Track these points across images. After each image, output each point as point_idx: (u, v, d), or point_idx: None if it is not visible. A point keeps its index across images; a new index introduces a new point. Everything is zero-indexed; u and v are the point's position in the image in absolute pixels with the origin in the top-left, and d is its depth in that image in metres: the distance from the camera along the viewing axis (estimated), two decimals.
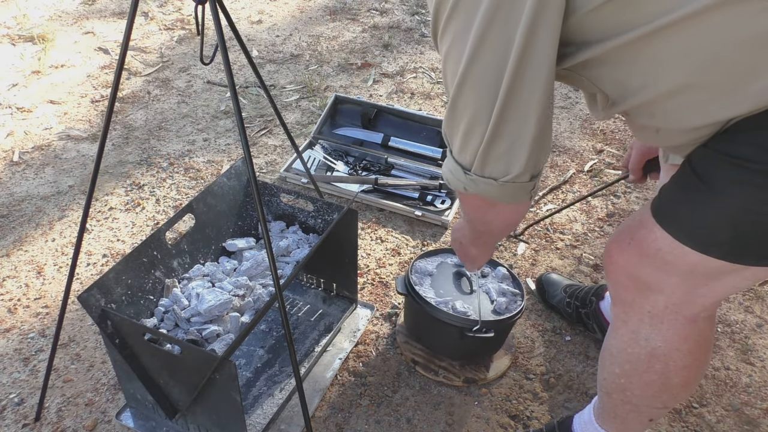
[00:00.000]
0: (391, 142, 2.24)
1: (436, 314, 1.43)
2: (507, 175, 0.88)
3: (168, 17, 3.28)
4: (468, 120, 0.85)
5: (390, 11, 3.38)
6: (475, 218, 1.10)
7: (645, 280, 0.95)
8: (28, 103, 2.56)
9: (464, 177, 0.91)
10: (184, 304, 1.39)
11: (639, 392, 1.06)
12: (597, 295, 1.57)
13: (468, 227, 1.21)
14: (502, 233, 1.18)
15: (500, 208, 0.98)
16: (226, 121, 2.49)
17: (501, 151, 0.85)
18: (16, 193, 2.11)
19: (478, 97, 0.82)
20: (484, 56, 0.78)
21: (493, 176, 0.88)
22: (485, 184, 0.90)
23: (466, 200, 1.03)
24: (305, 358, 1.52)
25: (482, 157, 0.87)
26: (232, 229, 1.60)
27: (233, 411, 1.20)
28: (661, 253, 0.89)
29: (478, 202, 0.99)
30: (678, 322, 0.96)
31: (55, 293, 1.74)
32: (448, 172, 0.95)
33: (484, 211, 1.02)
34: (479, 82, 0.81)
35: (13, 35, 3.05)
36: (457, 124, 0.87)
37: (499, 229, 1.11)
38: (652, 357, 1.00)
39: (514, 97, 0.80)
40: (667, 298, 0.94)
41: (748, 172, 0.76)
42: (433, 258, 1.61)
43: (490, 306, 1.49)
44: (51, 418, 1.42)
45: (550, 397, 1.49)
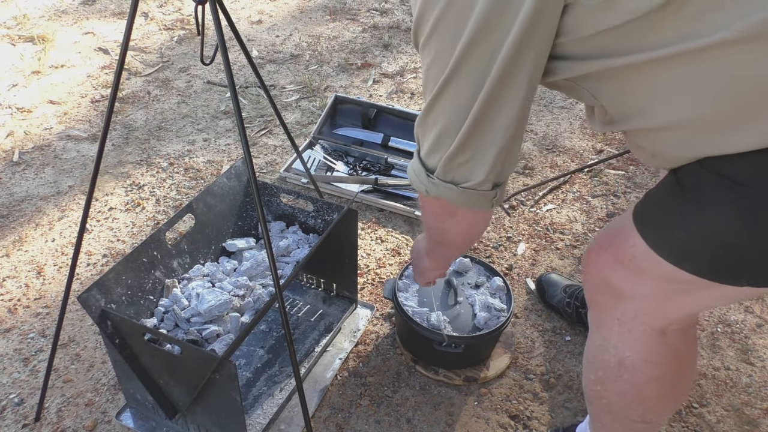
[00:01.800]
0: (391, 142, 2.24)
1: (411, 324, 1.45)
2: (468, 182, 0.89)
3: (168, 17, 3.28)
4: (439, 129, 0.86)
5: (390, 11, 3.38)
6: (433, 226, 1.08)
7: (617, 286, 0.94)
8: (28, 103, 2.56)
9: (426, 179, 0.92)
10: (184, 304, 1.39)
11: (615, 400, 1.05)
12: None
13: (426, 235, 1.20)
14: (457, 247, 1.16)
15: (459, 217, 0.98)
16: (226, 121, 2.49)
17: (464, 159, 0.87)
18: (16, 193, 2.11)
19: (451, 112, 0.83)
20: (464, 74, 0.79)
21: (455, 182, 0.90)
22: (446, 189, 0.90)
23: (426, 205, 1.03)
24: (305, 358, 1.52)
25: (446, 162, 0.88)
26: (232, 229, 1.60)
27: (233, 411, 1.20)
28: (636, 260, 0.88)
29: (437, 209, 0.99)
30: (646, 333, 0.95)
31: (55, 293, 1.74)
32: (413, 172, 0.96)
33: (442, 218, 1.01)
34: (455, 97, 0.82)
35: (13, 35, 3.05)
36: (429, 129, 0.88)
37: (455, 241, 1.10)
38: (621, 366, 0.99)
39: (484, 119, 0.82)
40: (636, 307, 0.93)
41: (734, 192, 0.75)
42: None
43: (470, 318, 1.49)
44: (51, 419, 1.42)
45: (550, 397, 1.49)
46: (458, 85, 0.80)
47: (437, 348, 1.43)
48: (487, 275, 1.60)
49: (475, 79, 0.78)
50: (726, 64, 0.69)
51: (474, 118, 0.81)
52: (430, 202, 0.98)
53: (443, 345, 1.42)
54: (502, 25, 0.73)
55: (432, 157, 0.90)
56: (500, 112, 0.81)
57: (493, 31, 0.74)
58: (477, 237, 1.10)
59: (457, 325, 1.47)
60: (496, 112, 0.81)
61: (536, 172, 2.22)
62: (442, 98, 0.83)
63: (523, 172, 2.22)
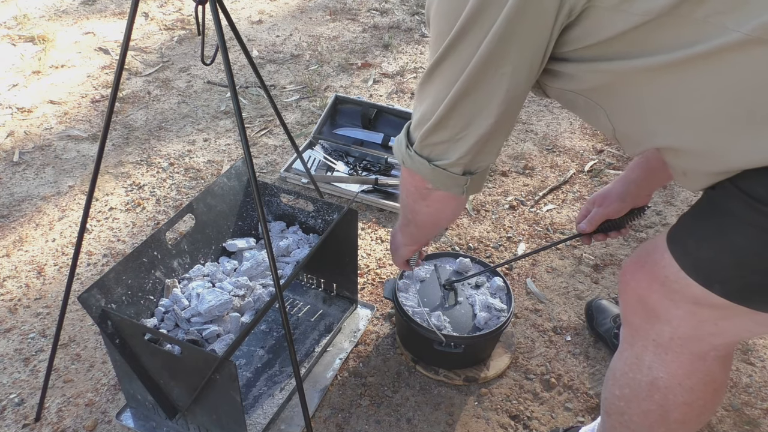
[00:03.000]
0: (392, 142, 2.24)
1: (411, 324, 1.45)
2: (440, 160, 0.92)
3: (168, 17, 3.28)
4: (426, 105, 0.89)
5: (390, 11, 3.38)
6: (406, 204, 1.10)
7: (653, 307, 0.91)
8: (28, 103, 2.56)
9: (405, 150, 0.95)
10: (185, 305, 1.39)
11: (637, 419, 1.02)
12: None
13: (400, 211, 1.20)
14: (426, 229, 1.18)
15: (429, 201, 1.01)
16: (226, 121, 2.49)
17: (440, 139, 0.90)
18: (16, 193, 2.11)
19: (438, 91, 0.86)
20: (453, 58, 0.82)
21: (429, 158, 0.93)
22: (420, 163, 0.93)
23: (403, 180, 1.05)
24: (305, 358, 1.52)
25: (423, 137, 0.91)
26: (232, 229, 1.60)
27: (233, 411, 1.20)
28: (669, 281, 0.86)
29: (411, 187, 1.02)
30: (683, 356, 0.92)
31: (55, 293, 1.74)
32: (397, 141, 0.99)
33: (414, 198, 1.04)
34: (443, 78, 0.85)
35: (13, 35, 3.05)
36: (419, 103, 0.91)
37: (424, 222, 1.12)
38: (653, 386, 0.97)
39: (462, 103, 0.84)
40: (673, 330, 0.91)
41: (758, 213, 0.72)
42: (428, 262, 1.61)
43: (470, 318, 1.48)
44: (51, 419, 1.42)
45: (550, 397, 1.49)
46: (447, 67, 0.83)
47: (437, 348, 1.43)
48: (487, 275, 1.59)
49: (462, 64, 0.81)
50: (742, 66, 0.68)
51: (452, 99, 0.84)
52: (406, 177, 1.01)
53: (443, 345, 1.42)
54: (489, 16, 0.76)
55: (416, 129, 0.93)
56: (479, 99, 0.83)
57: (481, 21, 0.77)
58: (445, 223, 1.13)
59: (458, 325, 1.47)
60: (476, 99, 0.83)
61: (536, 172, 2.22)
62: (433, 77, 0.86)
63: (524, 172, 2.22)
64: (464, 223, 1.99)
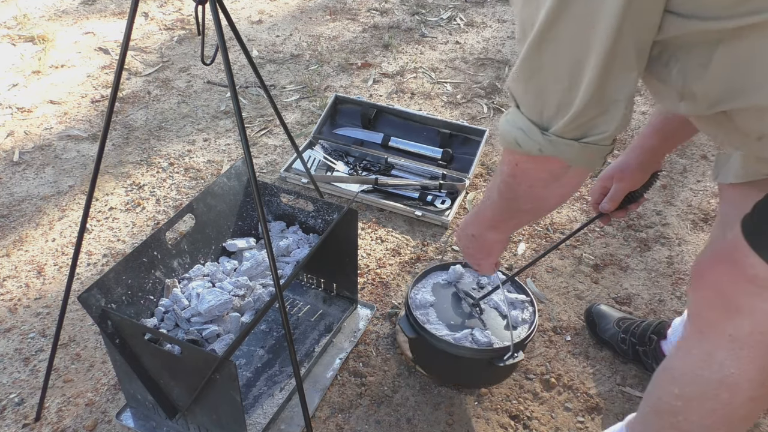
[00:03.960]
0: (391, 142, 2.24)
1: (460, 352, 1.33)
2: (593, 135, 0.79)
3: (168, 17, 3.28)
4: (552, 78, 0.76)
5: (390, 11, 3.38)
6: (527, 193, 0.96)
7: (736, 302, 0.88)
8: (28, 103, 2.56)
9: (541, 137, 0.82)
10: (185, 304, 1.39)
11: (695, 419, 0.98)
12: (658, 333, 1.47)
13: (499, 206, 1.04)
14: (542, 213, 1.10)
15: (564, 180, 0.89)
16: (226, 121, 2.49)
17: (595, 113, 0.77)
18: (16, 193, 2.11)
19: (566, 55, 0.73)
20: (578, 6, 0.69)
21: (577, 137, 0.80)
22: (565, 146, 0.81)
23: (524, 169, 0.90)
24: (305, 358, 1.53)
25: (574, 117, 0.77)
26: (232, 229, 1.60)
27: (233, 411, 1.20)
28: (758, 278, 0.83)
29: (543, 173, 0.89)
30: (759, 350, 0.89)
31: (55, 293, 1.74)
32: (518, 130, 0.84)
33: (545, 183, 0.91)
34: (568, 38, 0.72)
35: (13, 35, 3.05)
36: (534, 80, 0.78)
37: (550, 205, 1.01)
38: (722, 384, 0.93)
39: (613, 60, 0.71)
40: (753, 324, 0.87)
41: None
42: (424, 283, 1.51)
43: (502, 322, 1.40)
44: (51, 418, 1.42)
45: (550, 397, 1.49)
46: (569, 22, 0.70)
47: (498, 365, 1.30)
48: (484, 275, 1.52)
49: (590, 18, 0.69)
50: None
51: (600, 68, 0.71)
52: (532, 167, 0.88)
53: (506, 359, 1.29)
54: None
55: (545, 109, 0.80)
56: (630, 44, 0.71)
57: None
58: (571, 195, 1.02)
59: (500, 332, 1.35)
60: (627, 46, 0.71)
61: None
62: (549, 42, 0.73)
63: None
64: None
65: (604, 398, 1.48)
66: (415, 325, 1.38)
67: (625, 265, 1.84)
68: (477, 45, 3.03)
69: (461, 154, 2.19)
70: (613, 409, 1.45)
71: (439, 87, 2.71)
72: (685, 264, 1.84)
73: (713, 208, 2.04)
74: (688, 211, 2.04)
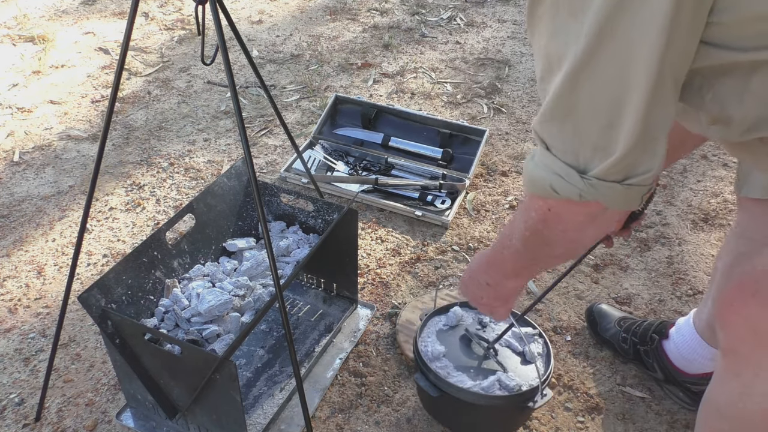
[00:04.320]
0: (392, 142, 2.24)
1: (494, 402, 1.23)
2: (640, 176, 0.74)
3: (168, 17, 3.28)
4: (589, 116, 0.72)
5: (390, 11, 3.38)
6: (559, 238, 0.88)
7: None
8: (28, 103, 2.56)
9: (581, 182, 0.75)
10: (185, 304, 1.39)
11: None
12: (659, 333, 1.46)
13: (525, 255, 0.97)
14: (580, 252, 1.05)
15: (600, 221, 0.83)
16: (226, 121, 2.49)
17: (638, 152, 0.72)
18: (16, 193, 2.11)
19: (604, 92, 0.69)
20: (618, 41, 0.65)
21: (620, 179, 0.74)
22: (608, 189, 0.75)
23: (557, 213, 0.83)
24: (305, 358, 1.53)
25: (619, 159, 0.72)
26: (233, 229, 1.60)
27: (233, 411, 1.20)
28: None
29: (580, 217, 0.82)
30: None
31: (55, 293, 1.74)
32: (554, 176, 0.78)
33: (581, 227, 0.84)
34: (607, 70, 0.67)
35: (13, 35, 3.05)
36: (572, 117, 0.73)
37: (584, 247, 0.95)
38: (765, 414, 0.91)
39: (657, 94, 0.67)
40: None
41: None
42: (429, 331, 1.38)
43: (518, 359, 1.30)
44: (51, 418, 1.42)
45: (550, 397, 1.48)
46: (606, 62, 0.66)
47: (532, 407, 1.21)
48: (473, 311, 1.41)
49: (632, 45, 0.65)
50: None
51: (642, 106, 0.67)
52: (569, 209, 0.81)
53: (536, 399, 1.21)
54: None
55: (583, 152, 0.75)
56: (669, 78, 0.67)
57: None
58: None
59: (521, 372, 1.26)
60: (667, 81, 0.67)
61: None
62: (585, 79, 0.68)
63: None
64: (464, 223, 1.99)
65: (604, 398, 1.48)
66: (437, 381, 1.24)
67: (625, 265, 1.84)
68: (477, 45, 3.03)
69: (461, 154, 2.19)
70: (613, 409, 1.46)
71: (439, 87, 2.71)
72: (685, 264, 1.84)
73: (713, 208, 2.04)
74: (688, 211, 2.04)
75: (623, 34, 0.64)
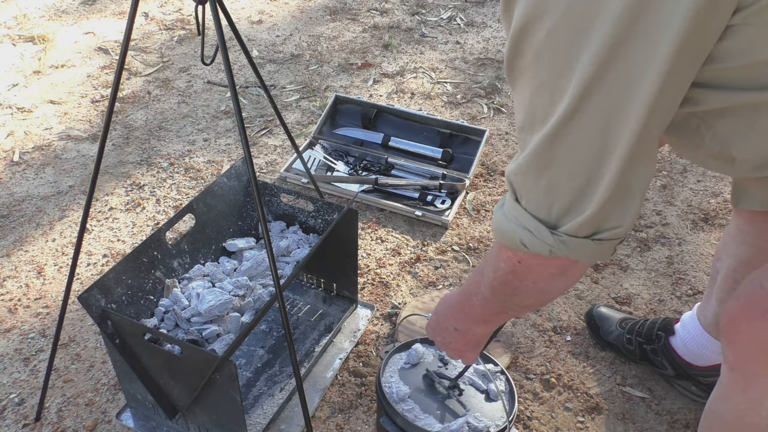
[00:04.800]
0: (392, 142, 2.24)
1: None
2: (608, 230, 0.73)
3: (168, 17, 3.28)
4: (566, 176, 0.70)
5: (390, 11, 3.38)
6: (529, 288, 0.87)
7: None
8: (28, 103, 2.56)
9: (551, 238, 0.74)
10: (185, 304, 1.39)
11: None
12: (665, 330, 1.45)
13: (493, 303, 0.95)
14: (549, 301, 1.03)
15: (570, 273, 0.82)
16: (226, 121, 2.49)
17: (610, 209, 0.71)
18: (16, 193, 2.11)
19: (584, 150, 0.68)
20: (599, 102, 0.64)
21: (590, 234, 0.73)
22: (579, 245, 0.74)
23: (528, 266, 0.82)
24: (305, 358, 1.53)
25: (591, 217, 0.71)
26: (232, 229, 1.60)
27: (233, 411, 1.20)
28: None
29: (551, 269, 0.81)
30: None
31: (55, 293, 1.74)
32: (524, 230, 0.77)
33: (549, 279, 0.83)
34: (587, 129, 0.66)
35: (13, 35, 3.05)
36: (544, 177, 0.72)
37: (553, 297, 0.93)
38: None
39: (639, 154, 0.66)
40: None
41: None
42: (391, 370, 1.29)
43: (482, 397, 1.25)
44: (51, 418, 1.42)
45: (550, 397, 1.49)
46: (587, 120, 0.65)
47: None
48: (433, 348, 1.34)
49: (619, 104, 0.64)
50: None
51: (621, 166, 0.66)
52: (539, 263, 0.80)
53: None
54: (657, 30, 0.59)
55: (556, 207, 0.73)
56: (655, 136, 0.67)
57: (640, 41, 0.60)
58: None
59: (490, 411, 1.21)
60: (651, 138, 0.67)
61: None
62: (566, 137, 0.67)
63: None
64: (464, 223, 1.99)
65: (604, 398, 1.48)
66: (405, 426, 1.17)
67: (625, 265, 1.84)
68: (477, 45, 3.03)
69: (461, 154, 2.19)
70: (613, 409, 1.46)
71: (439, 87, 2.71)
72: (685, 264, 1.84)
73: (713, 207, 2.04)
74: (688, 211, 2.04)
75: (610, 93, 0.63)
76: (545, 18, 0.63)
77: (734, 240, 1.22)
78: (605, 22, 0.60)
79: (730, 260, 1.22)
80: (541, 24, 0.64)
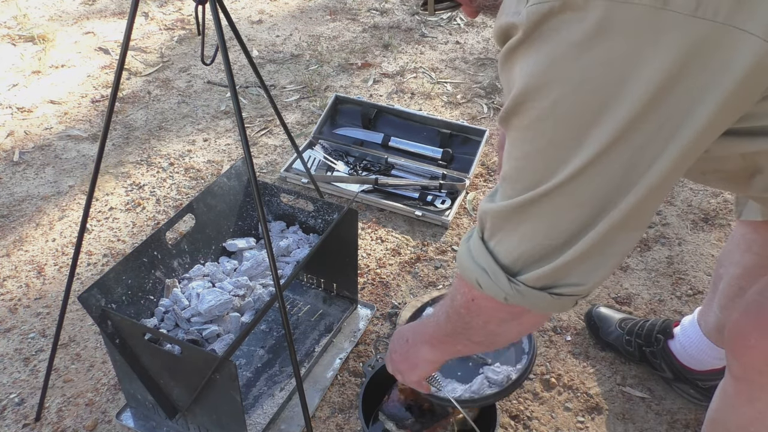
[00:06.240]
0: (392, 142, 2.24)
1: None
2: (570, 287, 0.71)
3: (168, 17, 3.28)
4: (543, 233, 0.69)
5: (390, 11, 3.37)
6: (480, 327, 0.85)
7: None
8: (28, 103, 2.56)
9: (508, 286, 0.72)
10: (185, 304, 1.39)
11: None
12: (664, 333, 1.46)
13: (444, 329, 0.93)
14: (501, 345, 1.03)
15: (524, 319, 0.79)
16: (226, 121, 2.49)
17: (580, 270, 0.69)
18: (16, 193, 2.11)
19: (569, 216, 0.66)
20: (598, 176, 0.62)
21: (547, 286, 0.71)
22: (535, 297, 0.72)
23: (481, 306, 0.80)
24: (305, 358, 1.53)
25: (552, 272, 0.69)
26: (233, 229, 1.60)
27: (233, 411, 1.20)
28: None
29: (502, 314, 0.79)
30: None
31: (55, 293, 1.74)
32: (481, 271, 0.75)
33: (500, 322, 0.82)
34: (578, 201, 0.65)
35: (13, 35, 3.05)
36: (521, 229, 0.70)
37: (506, 340, 0.93)
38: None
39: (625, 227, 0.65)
40: None
41: None
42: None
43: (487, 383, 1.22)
44: (51, 418, 1.42)
45: (550, 397, 1.49)
46: (590, 188, 0.63)
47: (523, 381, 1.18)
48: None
49: (620, 183, 0.62)
50: None
51: (618, 223, 0.65)
52: (493, 305, 0.78)
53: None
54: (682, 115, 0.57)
55: (523, 259, 0.71)
56: (655, 206, 0.66)
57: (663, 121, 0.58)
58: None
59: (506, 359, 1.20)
60: (651, 209, 0.66)
61: None
62: (558, 199, 0.65)
63: None
64: (464, 223, 1.99)
65: (604, 398, 1.48)
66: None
67: (625, 265, 1.84)
68: (477, 45, 3.03)
69: (461, 154, 2.19)
70: (613, 409, 1.46)
71: (439, 87, 2.71)
72: (685, 264, 1.84)
73: (713, 207, 2.04)
74: (688, 211, 2.04)
75: (616, 170, 0.62)
76: (554, 87, 0.61)
77: (738, 248, 1.22)
78: (624, 101, 0.58)
79: (734, 268, 1.22)
80: (547, 92, 0.61)
